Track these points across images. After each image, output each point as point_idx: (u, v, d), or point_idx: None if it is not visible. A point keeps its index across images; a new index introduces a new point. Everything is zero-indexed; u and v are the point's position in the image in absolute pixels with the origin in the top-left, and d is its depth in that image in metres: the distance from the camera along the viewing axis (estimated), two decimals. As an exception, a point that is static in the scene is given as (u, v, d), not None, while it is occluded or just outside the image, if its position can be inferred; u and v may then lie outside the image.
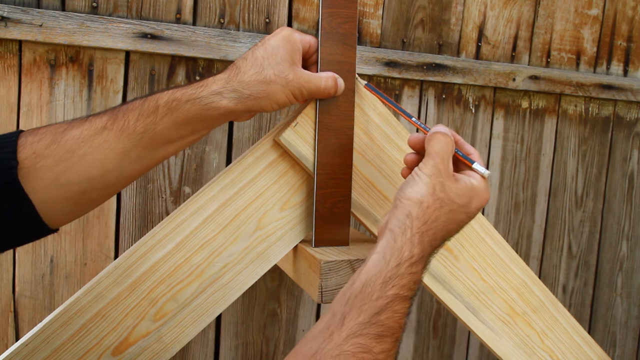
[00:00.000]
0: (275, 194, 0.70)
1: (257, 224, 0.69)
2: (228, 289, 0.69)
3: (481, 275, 0.76)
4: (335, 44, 0.69)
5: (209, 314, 0.68)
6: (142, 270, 0.66)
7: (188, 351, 1.04)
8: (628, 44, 1.33)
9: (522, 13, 1.22)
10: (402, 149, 0.74)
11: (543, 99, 1.26)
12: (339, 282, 0.71)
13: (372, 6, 1.10)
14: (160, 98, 0.61)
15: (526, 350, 0.79)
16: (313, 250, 0.72)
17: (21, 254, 0.93)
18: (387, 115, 0.73)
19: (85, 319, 0.64)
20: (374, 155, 0.73)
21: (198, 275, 0.67)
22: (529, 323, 0.79)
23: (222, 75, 0.63)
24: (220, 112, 0.62)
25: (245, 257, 0.69)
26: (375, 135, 0.72)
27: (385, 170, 0.73)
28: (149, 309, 0.66)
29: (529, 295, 0.79)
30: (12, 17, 0.85)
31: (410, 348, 1.22)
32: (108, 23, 0.90)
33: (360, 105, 0.71)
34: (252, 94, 0.63)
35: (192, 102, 0.61)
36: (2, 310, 0.93)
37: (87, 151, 0.58)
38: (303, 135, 0.69)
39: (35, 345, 0.63)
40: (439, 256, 0.73)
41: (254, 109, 0.64)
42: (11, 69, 0.89)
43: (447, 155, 0.59)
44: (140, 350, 0.66)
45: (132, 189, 0.98)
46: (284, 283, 1.10)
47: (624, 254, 1.40)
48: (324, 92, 0.66)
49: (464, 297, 0.75)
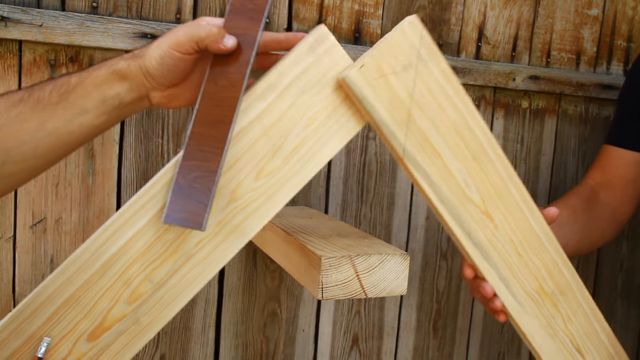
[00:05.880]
0: (249, 163, 0.66)
1: (231, 195, 0.66)
2: (205, 265, 0.66)
3: (517, 249, 0.74)
4: (241, 18, 0.66)
5: (187, 292, 0.66)
6: (113, 251, 0.63)
7: (188, 351, 1.04)
8: (628, 44, 1.33)
9: (522, 13, 1.22)
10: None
11: (543, 99, 1.26)
12: (339, 279, 0.71)
13: (372, 6, 1.10)
14: (75, 72, 0.65)
15: (549, 331, 0.78)
16: (314, 247, 0.72)
17: (21, 253, 0.93)
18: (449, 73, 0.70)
19: (55, 306, 0.63)
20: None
21: (172, 252, 0.65)
22: (556, 304, 0.78)
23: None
24: (120, 75, 0.64)
25: (220, 232, 0.66)
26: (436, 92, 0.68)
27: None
28: (123, 291, 0.64)
29: (559, 276, 0.78)
30: (12, 17, 0.85)
31: (410, 348, 1.22)
32: (108, 23, 0.90)
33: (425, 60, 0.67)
34: (146, 53, 0.64)
35: (98, 68, 0.64)
36: (2, 310, 0.93)
37: (3, 122, 0.60)
38: (368, 79, 0.65)
39: (3, 337, 0.62)
40: (480, 223, 0.72)
41: (148, 67, 0.64)
42: (11, 69, 0.89)
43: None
44: (117, 334, 0.64)
45: (132, 189, 0.98)
46: (284, 283, 1.10)
47: (624, 254, 1.40)
48: (208, 37, 0.63)
49: (498, 267, 0.74)
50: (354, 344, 1.17)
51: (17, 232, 0.92)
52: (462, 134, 0.69)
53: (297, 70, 0.66)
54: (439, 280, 1.23)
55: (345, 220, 1.13)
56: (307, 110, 0.66)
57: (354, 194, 1.13)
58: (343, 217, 1.13)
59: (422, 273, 1.21)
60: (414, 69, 0.66)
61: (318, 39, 0.65)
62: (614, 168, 1.05)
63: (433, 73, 0.66)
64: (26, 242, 0.93)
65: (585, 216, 0.98)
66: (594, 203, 1.01)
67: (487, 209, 0.71)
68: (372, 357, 1.19)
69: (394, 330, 1.20)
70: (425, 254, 1.20)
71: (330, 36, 0.66)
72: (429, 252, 1.21)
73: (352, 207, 1.13)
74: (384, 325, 1.19)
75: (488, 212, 0.71)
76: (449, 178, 0.69)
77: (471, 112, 0.69)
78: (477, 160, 0.70)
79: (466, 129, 0.69)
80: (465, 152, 0.69)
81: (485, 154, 0.71)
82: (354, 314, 1.16)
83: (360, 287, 0.74)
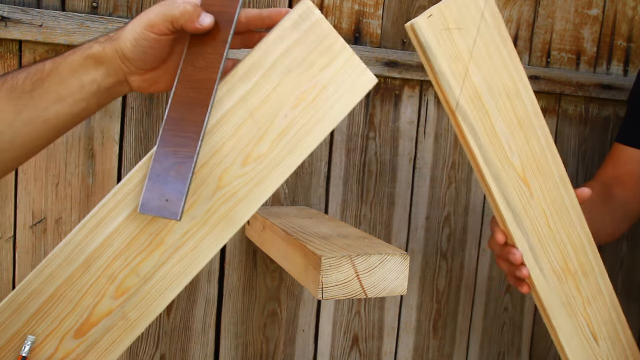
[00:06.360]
0: (235, 148, 0.63)
1: (217, 182, 0.63)
2: (194, 257, 0.64)
3: (548, 221, 0.75)
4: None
5: (176, 285, 0.64)
6: (96, 244, 0.61)
7: (188, 351, 1.04)
8: (628, 44, 1.33)
9: (522, 13, 1.22)
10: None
11: (543, 99, 1.26)
12: (339, 279, 0.71)
13: (372, 6, 1.10)
14: (49, 58, 0.62)
15: (569, 311, 0.78)
16: (314, 247, 0.72)
17: (21, 253, 0.93)
18: (507, 38, 0.71)
19: (39, 303, 0.61)
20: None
21: (158, 244, 0.63)
22: (577, 285, 0.78)
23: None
24: (96, 59, 0.61)
25: (208, 221, 0.63)
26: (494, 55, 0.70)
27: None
28: (109, 285, 0.62)
29: (583, 257, 0.78)
30: (12, 17, 0.85)
31: (410, 348, 1.22)
32: (108, 23, 0.90)
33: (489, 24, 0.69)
34: (120, 35, 0.61)
35: (73, 52, 0.61)
36: (2, 310, 0.93)
37: None
38: (434, 29, 0.65)
39: None
40: (517, 188, 0.73)
41: (123, 50, 0.61)
42: (11, 69, 0.89)
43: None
44: (104, 330, 0.62)
45: (132, 189, 0.98)
46: (284, 283, 1.10)
47: (624, 254, 1.40)
48: (183, 16, 0.59)
49: (529, 235, 0.74)
50: (354, 344, 1.17)
51: (17, 232, 0.92)
52: (512, 99, 0.71)
53: (281, 48, 0.63)
54: (439, 280, 1.23)
55: (345, 220, 1.13)
56: (294, 89, 0.63)
57: (354, 194, 1.13)
58: (343, 217, 1.13)
59: (422, 273, 1.21)
60: (477, 29, 0.68)
61: (302, 14, 0.63)
62: (625, 165, 1.07)
63: (493, 36, 0.68)
64: (26, 242, 0.93)
65: (601, 209, 0.99)
66: (608, 197, 1.03)
67: (525, 176, 0.73)
68: (372, 357, 1.19)
69: (394, 330, 1.20)
70: (425, 254, 1.20)
71: (316, 10, 0.63)
72: (429, 252, 1.21)
73: (352, 207, 1.13)
74: (384, 325, 1.19)
75: (526, 179, 0.73)
76: (494, 139, 0.70)
77: (522, 79, 0.72)
78: (522, 127, 0.72)
79: (516, 95, 0.71)
80: (512, 117, 0.71)
81: (530, 122, 0.72)
82: (354, 314, 1.16)
83: (360, 287, 0.74)
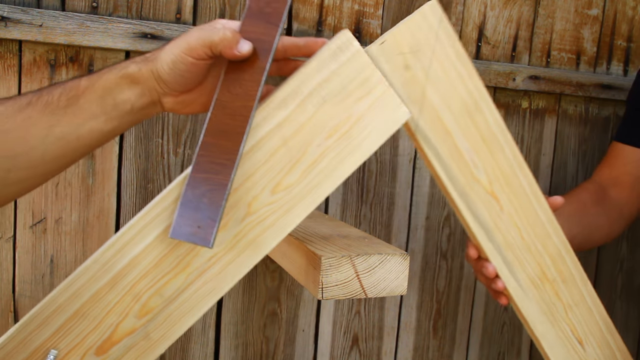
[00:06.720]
0: (266, 175, 0.64)
1: (247, 209, 0.64)
2: (218, 281, 0.64)
3: (521, 233, 0.75)
4: (258, 22, 0.63)
5: (199, 308, 0.65)
6: (123, 264, 0.62)
7: (188, 351, 1.04)
8: (628, 44, 1.33)
9: (522, 13, 1.22)
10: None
11: (543, 99, 1.26)
12: (339, 279, 0.71)
13: (372, 6, 1.10)
14: (85, 75, 0.62)
15: (550, 318, 0.78)
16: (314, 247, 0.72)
17: (21, 253, 0.93)
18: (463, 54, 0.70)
19: (63, 319, 0.61)
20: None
21: (184, 267, 0.63)
22: (557, 292, 0.78)
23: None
24: (131, 79, 0.62)
25: (235, 246, 0.64)
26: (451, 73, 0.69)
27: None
28: (133, 305, 0.62)
29: (562, 265, 0.78)
30: (12, 17, 0.85)
31: (410, 348, 1.22)
32: (108, 23, 0.90)
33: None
34: (158, 57, 0.62)
35: (108, 71, 0.62)
36: (2, 310, 0.93)
37: (10, 127, 0.58)
38: (388, 55, 0.66)
39: (9, 349, 0.60)
40: (487, 203, 0.73)
41: (159, 72, 0.62)
42: (11, 69, 0.89)
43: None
44: (126, 348, 0.63)
45: (132, 189, 0.98)
46: (284, 283, 1.10)
47: (624, 254, 1.40)
48: (222, 42, 0.60)
49: (502, 249, 0.74)
50: (354, 344, 1.17)
51: (17, 232, 0.92)
52: (473, 116, 0.71)
53: (319, 78, 0.63)
54: (439, 280, 1.23)
55: (345, 220, 1.13)
56: (329, 120, 0.63)
57: (354, 194, 1.13)
58: (343, 217, 1.13)
59: (422, 273, 1.21)
60: (432, 50, 0.67)
61: (341, 45, 0.63)
62: (623, 165, 1.07)
63: (449, 55, 0.68)
64: (26, 242, 0.93)
65: (594, 211, 0.99)
66: (602, 199, 1.02)
67: (493, 190, 0.73)
68: (372, 357, 1.19)
69: (394, 330, 1.20)
70: (425, 254, 1.20)
71: (355, 42, 0.63)
72: (429, 252, 1.21)
73: (352, 207, 1.13)
74: (384, 325, 1.19)
75: (494, 194, 0.72)
76: (458, 157, 0.70)
77: (483, 95, 0.71)
78: (486, 142, 0.72)
79: (477, 112, 0.71)
80: (475, 134, 0.71)
81: (494, 137, 0.72)
82: (354, 314, 1.16)
83: (360, 287, 0.74)
